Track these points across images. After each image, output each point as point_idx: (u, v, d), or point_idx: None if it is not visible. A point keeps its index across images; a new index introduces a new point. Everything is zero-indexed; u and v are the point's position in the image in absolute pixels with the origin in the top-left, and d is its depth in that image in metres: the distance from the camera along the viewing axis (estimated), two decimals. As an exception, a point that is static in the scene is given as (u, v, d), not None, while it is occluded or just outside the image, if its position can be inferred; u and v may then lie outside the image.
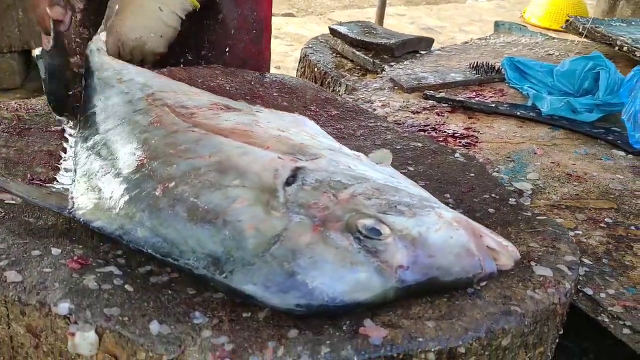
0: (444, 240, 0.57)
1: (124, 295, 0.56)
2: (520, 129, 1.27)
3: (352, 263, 0.54)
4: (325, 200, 0.59)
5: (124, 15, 1.03)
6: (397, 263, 0.55)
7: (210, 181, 0.61)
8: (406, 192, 0.63)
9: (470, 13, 5.48)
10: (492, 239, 0.61)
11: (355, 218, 0.57)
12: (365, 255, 0.55)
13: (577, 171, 1.11)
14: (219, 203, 0.59)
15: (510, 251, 0.62)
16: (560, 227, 0.75)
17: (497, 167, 1.11)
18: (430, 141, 1.00)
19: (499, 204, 0.80)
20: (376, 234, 0.56)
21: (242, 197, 0.59)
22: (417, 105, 1.36)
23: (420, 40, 1.80)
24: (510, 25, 2.02)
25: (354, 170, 0.66)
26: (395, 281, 0.55)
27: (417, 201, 0.61)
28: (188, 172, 0.63)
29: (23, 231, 0.62)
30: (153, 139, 0.70)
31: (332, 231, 0.56)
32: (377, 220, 0.57)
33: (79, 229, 0.65)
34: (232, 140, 0.68)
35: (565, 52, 1.71)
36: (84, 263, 0.59)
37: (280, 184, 0.61)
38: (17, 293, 0.54)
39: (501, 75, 1.50)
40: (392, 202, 0.60)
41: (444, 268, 0.57)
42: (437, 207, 0.61)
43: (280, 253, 0.55)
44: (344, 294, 0.53)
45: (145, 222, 0.60)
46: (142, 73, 0.94)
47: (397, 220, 0.57)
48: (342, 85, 1.65)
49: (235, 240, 0.56)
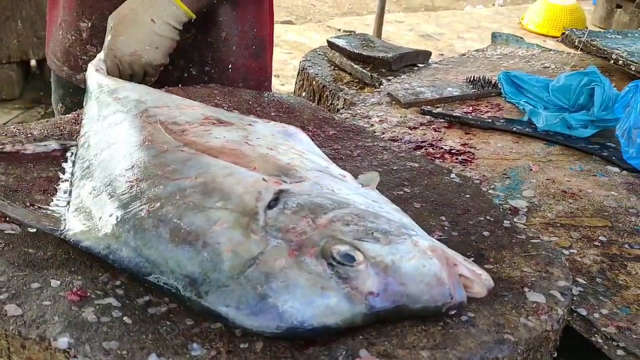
0: (415, 269, 0.59)
1: (122, 328, 0.57)
2: (517, 144, 1.28)
3: (322, 288, 0.56)
4: (304, 225, 0.61)
5: (118, 32, 1.05)
6: (368, 289, 0.57)
7: (194, 202, 0.63)
8: (386, 218, 0.65)
9: (469, 20, 5.50)
10: (466, 268, 0.62)
11: (330, 244, 0.59)
12: (337, 281, 0.57)
13: (572, 188, 1.12)
14: (200, 225, 0.61)
15: (484, 280, 0.63)
16: (553, 251, 0.76)
17: (493, 184, 1.12)
18: (427, 161, 1.01)
19: (494, 226, 0.81)
20: (349, 260, 0.58)
21: (222, 219, 0.61)
22: (415, 120, 1.37)
23: (417, 53, 1.81)
24: (507, 37, 2.03)
25: (336, 194, 0.67)
26: (364, 307, 0.57)
27: (395, 228, 0.63)
28: (174, 193, 0.65)
29: (22, 262, 0.63)
30: (143, 159, 0.72)
31: (307, 256, 0.58)
32: (351, 246, 0.59)
33: (78, 259, 0.66)
34: (220, 161, 0.70)
35: (562, 65, 1.72)
36: (83, 295, 0.60)
37: (262, 207, 0.62)
38: (17, 327, 0.55)
39: (498, 90, 1.51)
40: (369, 228, 0.61)
41: (413, 296, 0.58)
42: (414, 235, 0.63)
43: (255, 276, 0.57)
44: (313, 318, 0.55)
45: (130, 242, 0.62)
46: (136, 89, 0.95)
47: (372, 247, 0.59)
48: (340, 99, 1.66)
49: (212, 262, 0.58)
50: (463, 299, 0.61)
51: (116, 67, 1.07)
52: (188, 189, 0.65)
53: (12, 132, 0.92)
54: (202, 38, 1.20)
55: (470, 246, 0.76)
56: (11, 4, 3.10)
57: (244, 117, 0.91)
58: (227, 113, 0.92)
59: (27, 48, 3.23)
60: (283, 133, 0.87)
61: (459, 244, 0.77)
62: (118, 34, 1.05)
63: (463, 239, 0.78)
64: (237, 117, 0.91)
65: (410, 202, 0.86)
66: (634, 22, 3.93)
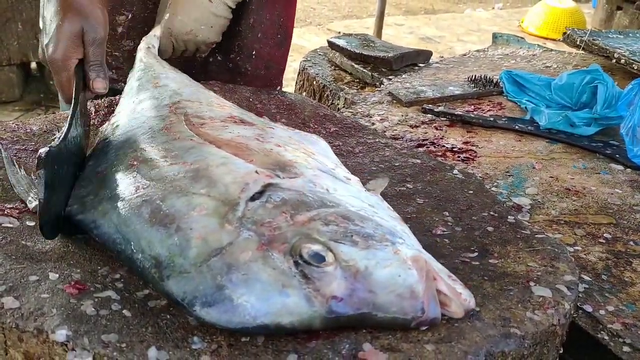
0: (389, 278, 0.55)
1: (122, 321, 0.56)
2: (519, 143, 1.27)
3: (283, 286, 0.54)
4: (281, 220, 0.59)
5: (175, 10, 1.07)
6: (331, 293, 0.54)
7: (180, 187, 0.63)
8: (375, 223, 0.61)
9: (469, 23, 5.50)
10: (446, 284, 0.58)
11: (301, 242, 0.56)
12: (300, 280, 0.55)
13: (576, 186, 1.11)
14: (179, 209, 0.61)
15: (463, 299, 0.58)
16: (559, 246, 0.75)
17: (496, 182, 1.11)
18: (429, 157, 1.00)
19: (498, 222, 0.80)
20: (319, 260, 0.55)
21: (202, 206, 0.60)
22: (416, 119, 1.36)
23: (418, 53, 1.81)
24: (508, 37, 2.02)
25: (329, 194, 0.65)
26: (324, 310, 0.54)
27: (380, 234, 0.60)
28: (166, 176, 0.65)
29: (20, 255, 0.62)
30: (152, 144, 0.73)
31: (275, 252, 0.56)
32: (324, 247, 0.56)
33: (77, 252, 0.65)
34: (221, 151, 0.70)
35: (563, 65, 1.72)
36: (81, 288, 0.59)
37: (244, 198, 0.61)
38: (15, 320, 0.54)
39: (499, 89, 1.51)
40: (350, 231, 0.59)
41: (381, 306, 0.55)
42: (399, 243, 0.59)
43: (217, 266, 0.55)
44: (267, 315, 0.53)
45: (113, 219, 0.63)
46: (177, 79, 0.97)
47: (347, 250, 0.56)
48: (340, 99, 1.65)
49: (180, 246, 0.58)
50: (436, 315, 0.56)
51: (171, 45, 1.09)
52: (180, 173, 0.65)
53: (11, 127, 0.91)
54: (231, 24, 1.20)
55: (474, 241, 0.75)
56: (11, 5, 3.09)
57: (269, 122, 0.90)
58: (254, 116, 0.90)
59: (28, 50, 3.23)
60: (301, 136, 0.85)
61: (462, 239, 0.76)
62: (175, 13, 1.07)
63: (467, 234, 0.77)
64: (262, 120, 0.89)
65: (413, 198, 0.85)
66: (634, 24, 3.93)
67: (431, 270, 0.58)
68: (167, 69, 1.00)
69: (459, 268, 0.69)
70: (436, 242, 0.75)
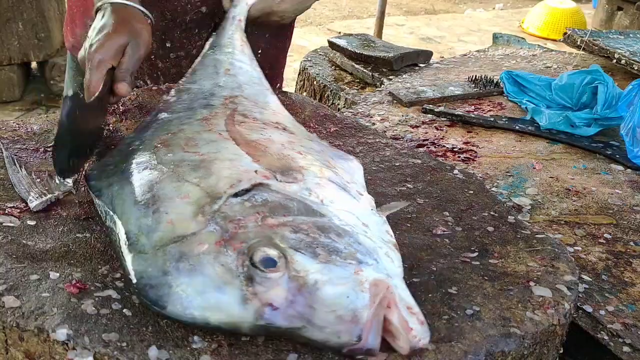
0: (335, 297, 0.53)
1: (122, 320, 0.56)
2: (519, 143, 1.27)
3: (224, 283, 0.54)
4: (251, 220, 0.59)
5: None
6: (268, 300, 0.53)
7: (179, 173, 0.65)
8: (355, 240, 0.59)
9: (469, 23, 5.50)
10: (400, 316, 0.54)
11: (259, 244, 0.56)
12: (242, 281, 0.54)
13: (576, 186, 1.11)
14: (167, 193, 0.63)
15: (412, 336, 0.53)
16: (559, 246, 0.75)
17: (496, 182, 1.11)
18: (430, 157, 1.00)
19: (498, 222, 0.80)
20: (267, 265, 0.54)
21: (188, 193, 0.62)
22: (416, 119, 1.36)
23: (419, 53, 1.81)
24: (508, 37, 2.02)
25: (321, 205, 0.63)
26: (255, 316, 0.53)
27: (351, 252, 0.57)
28: (174, 162, 0.68)
29: (21, 255, 0.62)
30: (185, 131, 0.76)
31: (231, 249, 0.56)
32: (280, 253, 0.55)
33: (78, 252, 0.65)
34: (236, 148, 0.71)
35: (564, 65, 1.72)
36: (82, 287, 0.59)
37: (228, 194, 0.61)
38: (16, 319, 0.54)
39: (500, 89, 1.50)
40: (317, 243, 0.57)
41: (316, 324, 0.52)
42: (368, 265, 0.57)
43: (172, 252, 0.56)
44: (197, 308, 0.53)
45: (112, 191, 0.65)
46: (248, 74, 0.97)
47: (303, 260, 0.55)
48: (341, 99, 1.65)
49: (149, 227, 0.59)
50: (373, 346, 0.52)
51: (257, 17, 1.09)
52: (187, 161, 0.67)
53: (12, 127, 0.91)
54: None
55: (474, 241, 0.75)
56: (12, 6, 3.10)
57: (312, 136, 0.88)
58: (302, 129, 0.88)
59: (28, 50, 3.23)
60: (335, 153, 0.82)
61: (463, 239, 0.76)
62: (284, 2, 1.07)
63: (467, 234, 0.77)
64: (306, 133, 0.88)
65: (413, 198, 0.85)
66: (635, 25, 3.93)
67: (390, 298, 0.54)
68: (246, 56, 1.01)
69: (459, 268, 0.69)
70: (436, 242, 0.75)
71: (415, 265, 0.69)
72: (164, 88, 1.09)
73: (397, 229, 0.76)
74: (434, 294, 0.64)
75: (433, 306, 0.62)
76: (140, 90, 1.08)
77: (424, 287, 0.65)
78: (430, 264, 0.70)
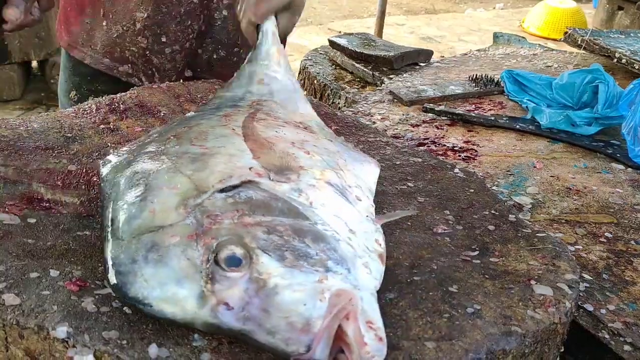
0: (291, 303, 0.52)
1: (122, 318, 0.56)
2: (520, 142, 1.27)
3: (185, 277, 0.54)
4: (228, 216, 0.58)
5: None
6: (224, 299, 0.53)
7: (177, 164, 0.66)
8: (332, 247, 0.58)
9: (470, 23, 5.51)
10: (356, 329, 0.51)
11: (226, 242, 0.55)
12: (203, 277, 0.54)
13: (577, 185, 1.11)
14: (159, 182, 0.63)
15: (365, 352, 0.51)
16: (560, 244, 0.75)
17: (497, 180, 1.11)
18: (430, 156, 1.00)
19: (499, 220, 0.80)
20: (231, 264, 0.54)
21: (178, 185, 0.62)
22: (417, 118, 1.36)
23: (419, 52, 1.81)
24: (509, 37, 2.02)
25: (309, 208, 0.62)
26: (210, 314, 0.53)
27: (322, 259, 0.56)
28: (176, 153, 0.68)
29: (21, 252, 0.62)
30: (201, 126, 0.77)
31: (201, 244, 0.56)
32: (247, 253, 0.54)
33: (78, 250, 0.65)
34: (241, 143, 0.71)
35: (564, 64, 1.72)
36: (82, 285, 0.59)
37: (215, 189, 0.61)
38: (16, 316, 0.54)
39: (500, 88, 1.50)
40: (288, 246, 0.56)
41: (267, 328, 0.51)
42: (338, 274, 0.55)
43: (145, 241, 0.56)
44: (155, 300, 0.54)
45: (116, 178, 0.66)
46: (284, 82, 0.96)
47: (268, 263, 0.54)
48: (341, 98, 1.65)
49: (131, 214, 0.59)
50: (321, 359, 0.50)
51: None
52: (189, 153, 0.68)
53: (12, 125, 0.91)
54: (231, 18, 1.19)
55: (475, 240, 0.75)
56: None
57: (336, 138, 0.87)
58: (327, 130, 0.89)
59: (29, 49, 3.24)
60: (351, 154, 0.80)
61: (463, 237, 0.76)
62: None
63: (467, 233, 0.77)
64: (326, 133, 0.87)
65: (413, 197, 0.85)
66: (635, 24, 3.93)
67: (350, 310, 0.52)
68: (281, 67, 0.98)
69: (460, 266, 0.69)
70: (437, 240, 0.75)
71: (415, 263, 0.69)
72: (164, 87, 1.09)
73: (397, 227, 0.76)
74: (434, 292, 0.64)
75: (434, 304, 0.62)
76: (140, 88, 1.08)
77: (424, 285, 0.65)
78: (431, 263, 0.69)
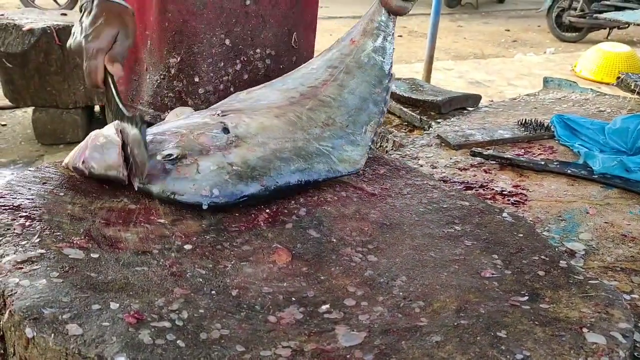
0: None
1: (176, 351, 0.58)
2: (572, 187, 1.25)
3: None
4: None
5: None
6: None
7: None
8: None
9: (519, 67, 5.48)
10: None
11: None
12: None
13: (632, 232, 1.08)
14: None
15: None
16: (613, 292, 0.73)
17: (548, 226, 1.09)
18: (478, 200, 1.00)
19: (549, 266, 0.79)
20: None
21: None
22: (465, 162, 1.36)
23: (467, 97, 1.82)
24: (559, 81, 2.01)
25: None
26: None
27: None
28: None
29: (85, 285, 0.66)
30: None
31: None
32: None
33: (137, 284, 0.68)
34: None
35: (618, 109, 1.69)
36: (139, 318, 0.61)
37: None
38: (78, 346, 0.57)
39: (550, 133, 1.49)
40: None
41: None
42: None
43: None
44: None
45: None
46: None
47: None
48: (389, 142, 1.68)
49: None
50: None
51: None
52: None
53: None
54: (274, 67, 1.24)
55: (524, 285, 0.74)
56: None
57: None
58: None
59: (92, 94, 3.43)
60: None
61: (512, 282, 0.75)
62: None
63: (516, 278, 0.76)
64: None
65: (461, 240, 0.85)
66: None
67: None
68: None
69: (509, 311, 0.68)
70: (485, 284, 0.74)
71: (462, 307, 0.69)
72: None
73: (445, 270, 0.77)
74: (482, 337, 0.63)
75: (481, 349, 0.61)
76: None
77: (472, 329, 0.65)
78: (479, 307, 0.69)
